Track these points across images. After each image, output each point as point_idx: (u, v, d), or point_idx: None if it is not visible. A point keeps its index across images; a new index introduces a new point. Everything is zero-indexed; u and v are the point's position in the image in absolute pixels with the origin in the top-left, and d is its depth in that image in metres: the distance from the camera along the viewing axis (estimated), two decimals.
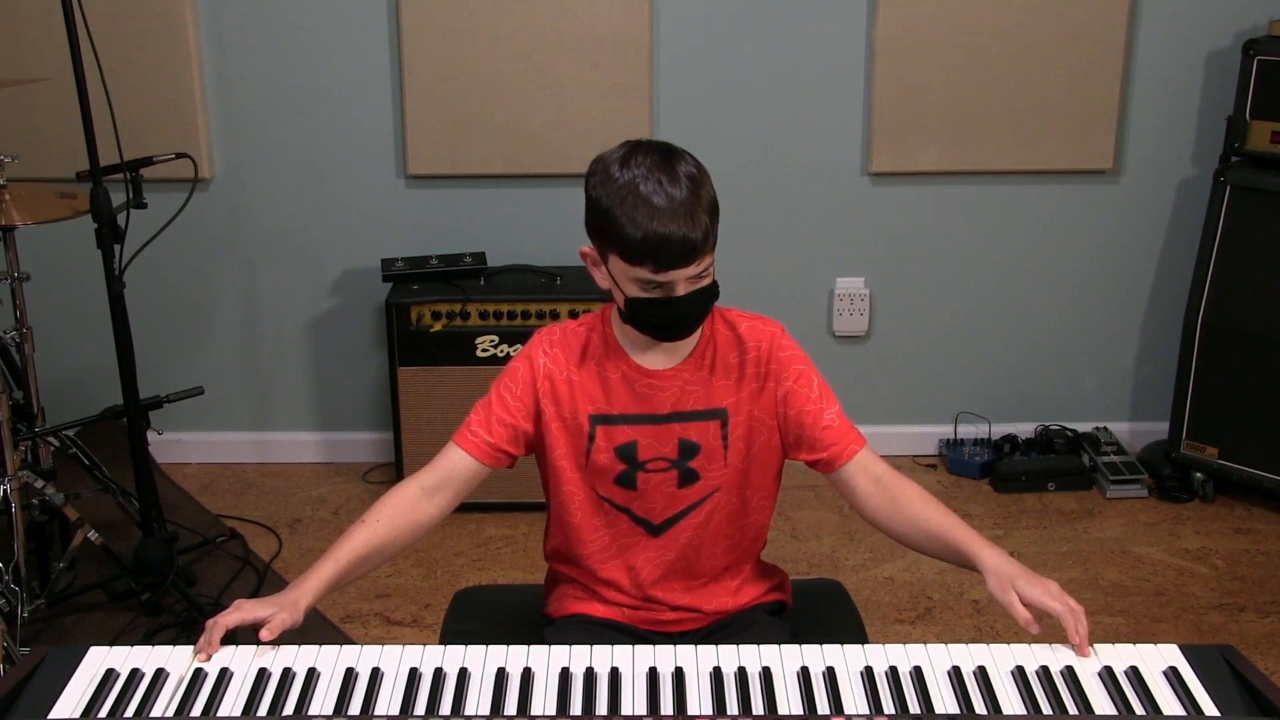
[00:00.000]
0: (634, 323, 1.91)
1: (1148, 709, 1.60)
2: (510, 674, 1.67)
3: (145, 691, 1.63)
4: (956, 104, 3.76)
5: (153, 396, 3.24)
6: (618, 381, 1.98)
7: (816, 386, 1.99)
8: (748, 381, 1.99)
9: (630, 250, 1.81)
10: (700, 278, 1.86)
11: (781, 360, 1.99)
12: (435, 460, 2.00)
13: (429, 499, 1.98)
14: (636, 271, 1.83)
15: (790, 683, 1.65)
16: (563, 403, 1.98)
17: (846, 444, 1.98)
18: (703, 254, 1.83)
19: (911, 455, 4.10)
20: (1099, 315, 4.03)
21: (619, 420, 1.98)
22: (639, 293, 1.86)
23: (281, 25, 3.71)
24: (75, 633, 3.12)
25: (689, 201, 1.80)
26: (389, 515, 1.93)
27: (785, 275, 3.94)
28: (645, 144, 1.87)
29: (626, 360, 1.98)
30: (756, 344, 1.99)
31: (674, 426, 1.99)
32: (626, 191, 1.82)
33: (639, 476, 2.00)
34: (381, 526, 1.92)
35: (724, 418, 1.99)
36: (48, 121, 3.67)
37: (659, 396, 1.98)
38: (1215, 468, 3.74)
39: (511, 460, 2.01)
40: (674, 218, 1.79)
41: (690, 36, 3.73)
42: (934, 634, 3.13)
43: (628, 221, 1.80)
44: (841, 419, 1.99)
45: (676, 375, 1.98)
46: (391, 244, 3.83)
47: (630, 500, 2.02)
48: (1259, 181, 3.56)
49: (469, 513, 3.71)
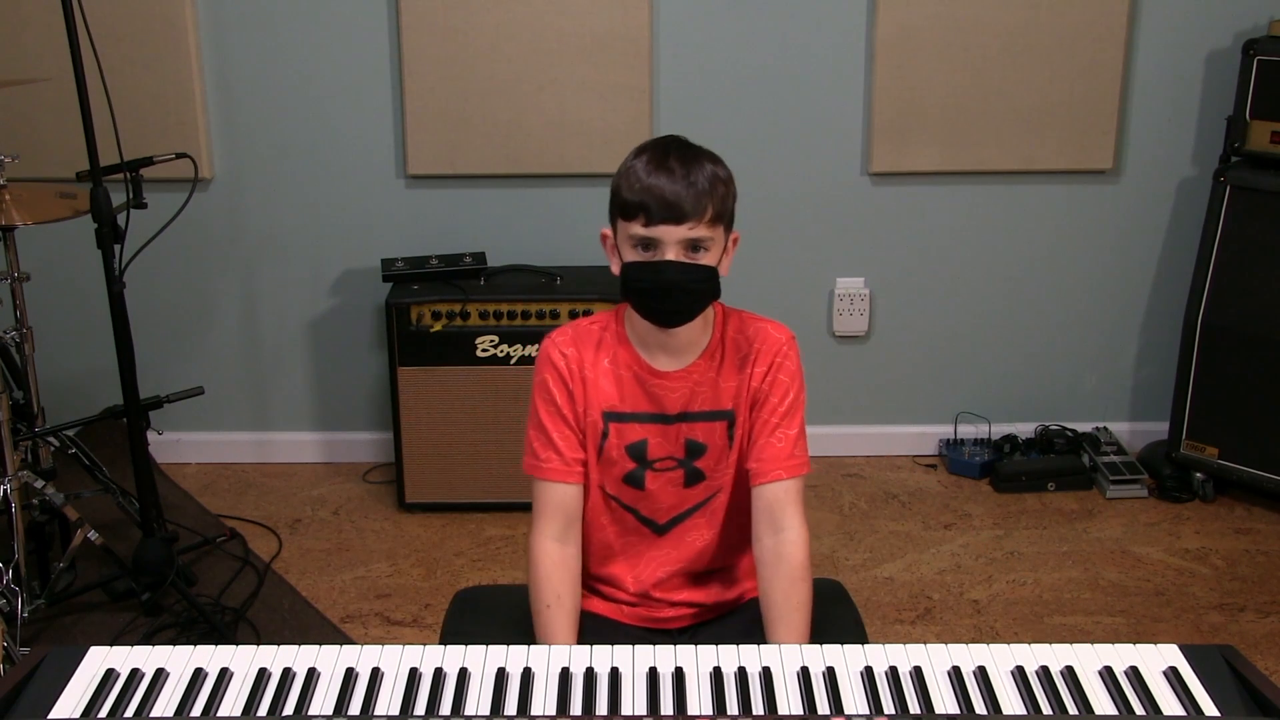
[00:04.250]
0: (628, 292, 1.93)
1: (1148, 709, 1.60)
2: (510, 674, 1.66)
3: (145, 691, 1.63)
4: (956, 104, 3.76)
5: (153, 396, 3.24)
6: (630, 380, 1.99)
7: (788, 403, 2.00)
8: (751, 383, 2.00)
9: (626, 205, 1.87)
10: (696, 250, 1.87)
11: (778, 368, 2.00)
12: (538, 506, 2.01)
13: (569, 545, 2.00)
14: (631, 228, 1.87)
15: (790, 683, 1.65)
16: (579, 398, 2.00)
17: (773, 468, 1.98)
18: (696, 217, 1.85)
19: (911, 455, 4.10)
20: (1099, 315, 4.03)
21: (630, 418, 2.00)
22: (634, 256, 1.89)
23: (281, 25, 3.71)
24: (75, 633, 3.11)
25: (689, 167, 1.87)
26: (560, 586, 1.96)
27: (785, 275, 3.94)
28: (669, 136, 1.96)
29: (638, 360, 1.99)
30: (764, 348, 2.01)
31: (682, 427, 2.00)
32: (634, 161, 1.90)
33: (647, 476, 2.02)
34: (568, 601, 1.96)
35: (731, 419, 2.01)
36: (48, 121, 3.67)
37: (669, 397, 1.99)
38: (1215, 468, 3.73)
39: None
40: (670, 176, 1.85)
41: (690, 36, 3.73)
42: (934, 634, 3.13)
43: (629, 181, 1.88)
44: (790, 442, 1.98)
45: (686, 376, 1.99)
46: (391, 244, 3.83)
47: (637, 500, 2.04)
48: (1259, 181, 3.56)
49: (469, 513, 3.71)
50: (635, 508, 2.04)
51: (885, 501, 3.82)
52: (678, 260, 1.87)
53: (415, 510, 3.74)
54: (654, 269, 1.87)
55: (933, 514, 3.74)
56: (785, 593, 1.93)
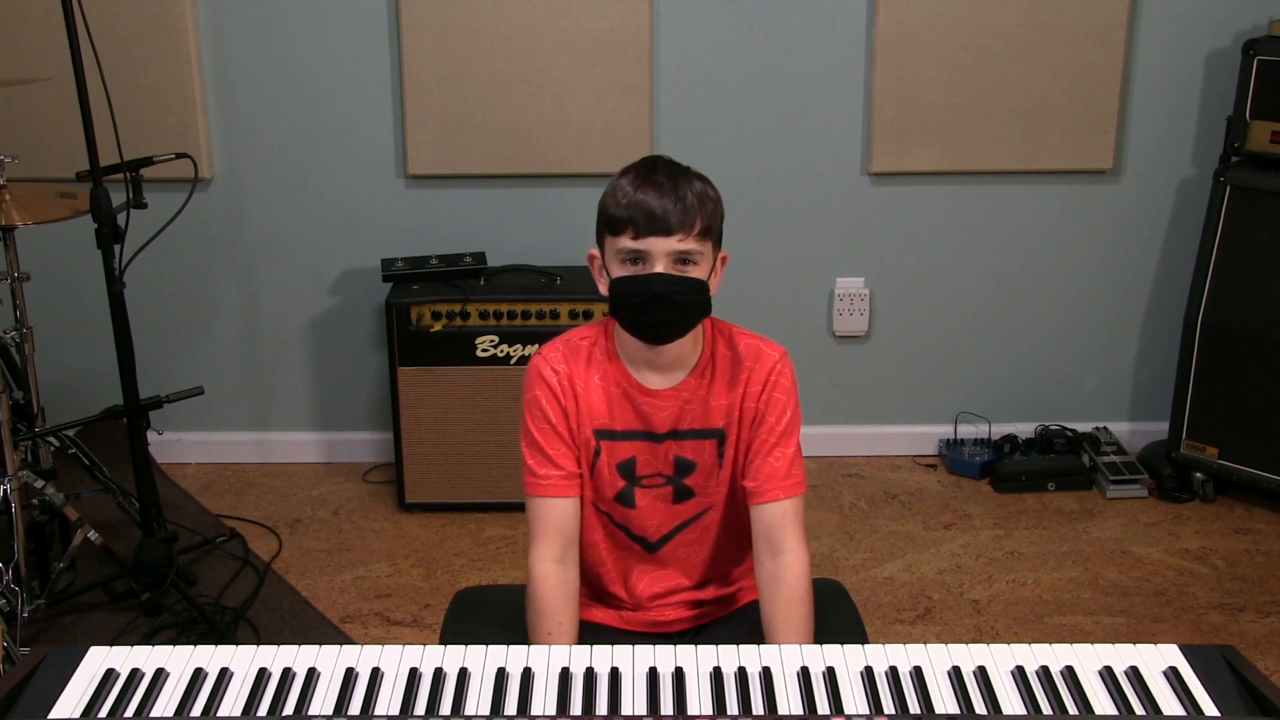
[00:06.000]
0: (616, 309, 1.92)
1: (1148, 709, 1.60)
2: (510, 674, 1.66)
3: (145, 691, 1.63)
4: (956, 104, 3.76)
5: (153, 396, 3.24)
6: (619, 397, 1.99)
7: (786, 423, 1.99)
8: (743, 402, 1.99)
9: (614, 220, 1.88)
10: (684, 263, 1.87)
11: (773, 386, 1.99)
12: (535, 525, 2.00)
13: (568, 567, 1.98)
14: (620, 242, 1.87)
15: (790, 683, 1.65)
16: (572, 415, 1.99)
17: (771, 488, 1.97)
18: (684, 230, 1.85)
19: (911, 455, 4.10)
20: (1099, 315, 4.03)
21: (621, 436, 2.00)
22: (622, 271, 1.89)
23: (281, 25, 3.71)
24: (75, 633, 3.11)
25: (676, 182, 1.87)
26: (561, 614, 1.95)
27: (785, 275, 3.94)
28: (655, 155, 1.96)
29: (628, 376, 1.99)
30: (756, 367, 2.00)
31: (670, 444, 2.00)
32: (621, 179, 1.91)
33: (636, 493, 2.01)
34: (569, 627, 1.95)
35: (721, 437, 2.00)
36: (48, 121, 3.66)
37: (657, 415, 1.99)
38: (1215, 468, 3.73)
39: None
40: (659, 190, 1.86)
41: (690, 36, 3.73)
42: (934, 634, 3.13)
43: (616, 197, 1.89)
44: (787, 461, 1.98)
45: (675, 395, 1.99)
46: (391, 244, 3.83)
47: (627, 518, 2.04)
48: (1259, 181, 3.56)
49: (469, 513, 3.71)
50: (626, 525, 2.04)
51: (885, 501, 3.82)
52: (667, 273, 1.86)
53: (415, 510, 3.74)
54: (643, 281, 1.86)
55: (933, 514, 3.74)
56: (784, 615, 1.93)
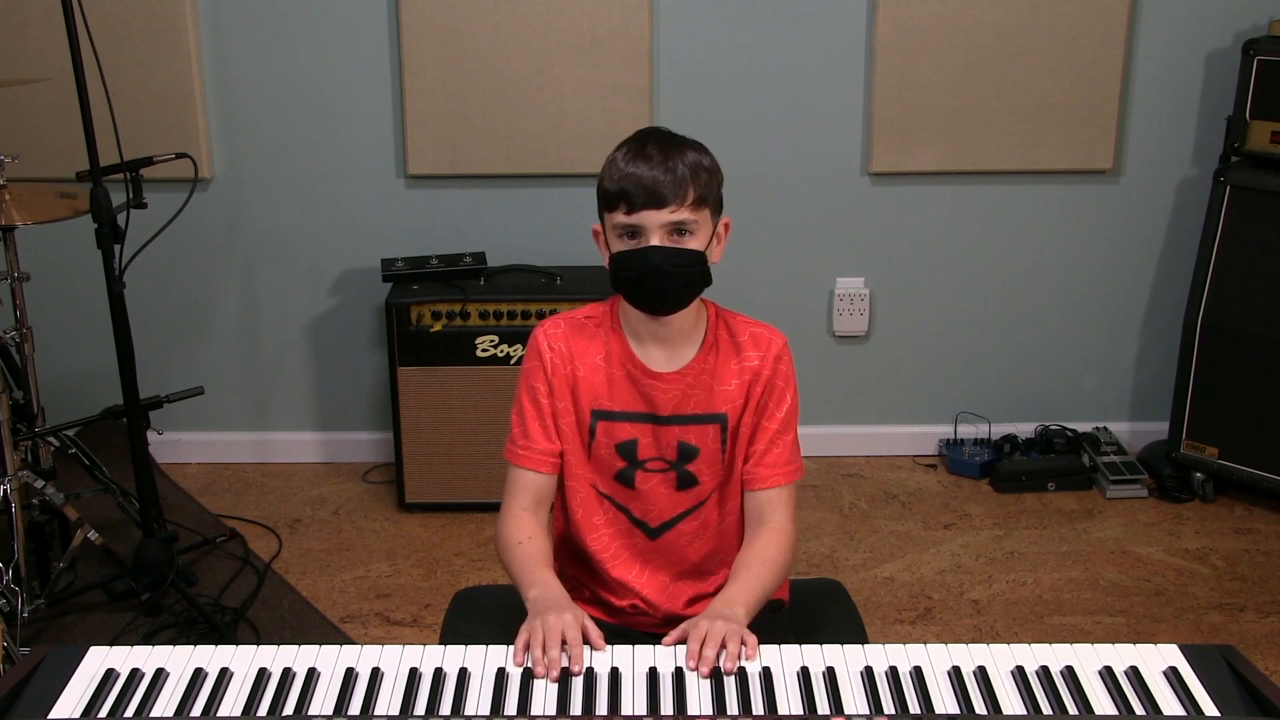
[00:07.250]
0: (617, 283, 1.94)
1: (1148, 709, 1.60)
2: (510, 674, 1.67)
3: (145, 691, 1.63)
4: (956, 104, 3.76)
5: (153, 396, 3.24)
6: (622, 378, 1.99)
7: (786, 410, 2.01)
8: (746, 388, 2.00)
9: (609, 195, 1.89)
10: (680, 234, 1.88)
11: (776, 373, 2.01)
12: (510, 487, 2.02)
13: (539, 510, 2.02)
14: (615, 217, 1.89)
15: (790, 683, 1.65)
16: (569, 394, 2.00)
17: (770, 474, 2.00)
18: (677, 201, 1.86)
19: (911, 455, 4.10)
20: (1099, 315, 4.03)
21: (620, 417, 1.99)
22: (620, 245, 1.91)
23: (281, 25, 3.71)
24: (75, 633, 3.11)
25: (668, 153, 1.88)
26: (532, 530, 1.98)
27: (785, 275, 3.94)
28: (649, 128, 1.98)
29: (632, 357, 1.99)
30: (759, 354, 2.01)
31: (674, 429, 1.99)
32: (615, 154, 1.93)
33: (637, 475, 2.01)
34: (540, 541, 1.97)
35: (724, 423, 2.00)
36: (48, 121, 3.66)
37: (661, 397, 1.98)
38: (1215, 468, 3.73)
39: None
40: (649, 163, 1.87)
41: (690, 36, 3.73)
42: (934, 634, 3.13)
43: (610, 172, 1.90)
44: (786, 449, 2.01)
45: (679, 379, 1.99)
46: (391, 244, 3.83)
47: (629, 500, 2.03)
48: (1259, 181, 3.56)
49: (469, 513, 3.71)
50: (628, 508, 2.04)
51: (885, 501, 3.82)
52: (662, 245, 1.87)
53: (415, 510, 3.74)
54: (639, 255, 1.88)
55: (933, 514, 3.74)
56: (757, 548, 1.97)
